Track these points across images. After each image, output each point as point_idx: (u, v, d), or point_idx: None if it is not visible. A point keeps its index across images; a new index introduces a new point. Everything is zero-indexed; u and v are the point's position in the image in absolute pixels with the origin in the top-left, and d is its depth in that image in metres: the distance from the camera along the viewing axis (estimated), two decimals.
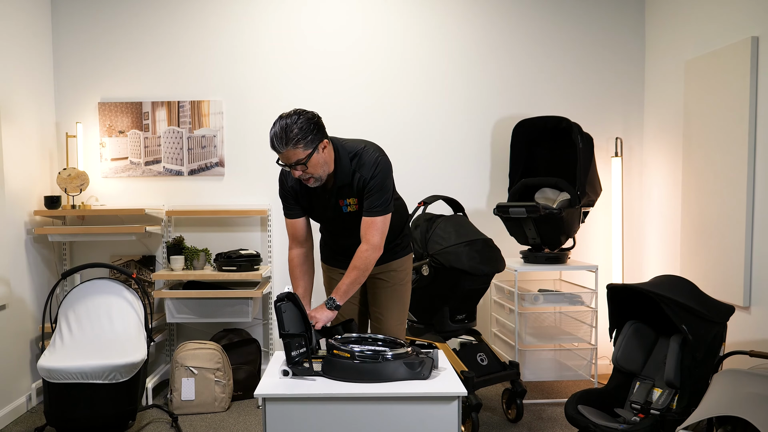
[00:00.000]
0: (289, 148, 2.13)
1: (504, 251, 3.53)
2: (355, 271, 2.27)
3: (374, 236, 2.28)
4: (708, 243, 3.30)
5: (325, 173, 2.24)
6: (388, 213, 2.30)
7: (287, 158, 2.16)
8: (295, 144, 2.12)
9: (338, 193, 2.31)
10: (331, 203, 2.34)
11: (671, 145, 3.73)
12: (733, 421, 2.19)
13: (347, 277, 2.27)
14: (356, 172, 2.27)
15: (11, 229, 3.45)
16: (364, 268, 2.27)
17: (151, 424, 3.29)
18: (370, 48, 3.98)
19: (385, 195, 2.28)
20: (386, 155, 2.33)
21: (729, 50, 3.12)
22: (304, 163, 2.16)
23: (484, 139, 4.03)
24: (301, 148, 2.13)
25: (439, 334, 3.28)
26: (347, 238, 2.42)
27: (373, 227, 2.28)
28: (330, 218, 2.40)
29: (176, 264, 3.73)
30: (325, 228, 2.55)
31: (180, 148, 3.96)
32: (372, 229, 2.28)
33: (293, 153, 2.14)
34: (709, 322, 2.51)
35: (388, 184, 2.30)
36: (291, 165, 2.17)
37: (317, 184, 2.25)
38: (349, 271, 2.28)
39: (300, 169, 2.18)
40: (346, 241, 2.43)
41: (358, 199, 2.31)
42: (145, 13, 3.94)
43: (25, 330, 3.56)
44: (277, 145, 2.14)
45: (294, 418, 1.89)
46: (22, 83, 3.59)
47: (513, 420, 3.28)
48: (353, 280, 2.27)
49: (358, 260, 2.27)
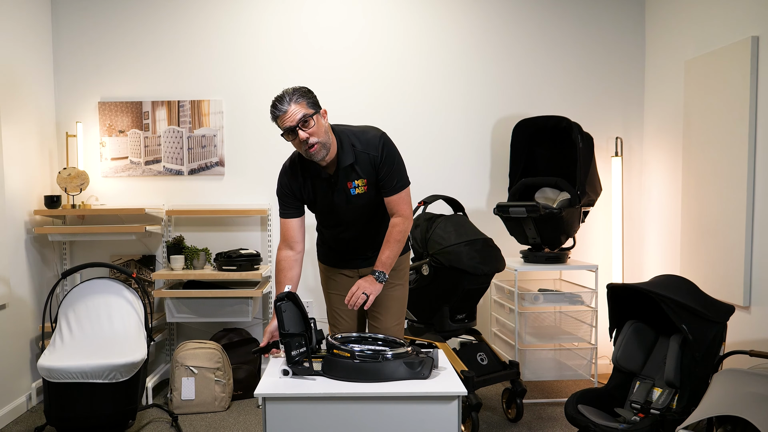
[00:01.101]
0: (292, 104, 2.13)
1: (504, 251, 3.53)
2: (393, 243, 2.32)
3: (404, 209, 2.35)
4: (708, 243, 3.30)
5: (328, 144, 2.22)
6: (408, 184, 2.38)
7: (293, 115, 2.13)
8: (298, 100, 2.14)
9: (345, 176, 2.31)
10: (339, 187, 2.32)
11: (671, 145, 3.73)
12: (733, 420, 2.18)
13: (387, 249, 2.32)
14: (362, 152, 2.28)
15: (11, 229, 3.45)
16: (401, 239, 2.33)
17: (151, 423, 3.30)
18: (370, 47, 3.98)
19: (400, 170, 2.35)
20: (386, 133, 2.36)
21: (729, 50, 3.12)
22: (311, 118, 2.14)
23: (484, 138, 4.03)
24: (305, 104, 2.15)
25: (439, 333, 3.28)
26: (352, 229, 2.41)
27: (400, 201, 2.35)
28: (337, 206, 2.36)
29: (176, 264, 3.73)
30: (327, 223, 2.51)
31: (180, 148, 3.96)
32: (400, 204, 2.35)
33: (299, 108, 2.14)
34: (709, 321, 2.51)
35: (398, 159, 2.35)
36: (296, 126, 2.13)
37: (323, 154, 2.20)
38: (387, 244, 2.33)
39: (305, 130, 2.14)
40: (350, 234, 2.42)
41: (368, 180, 2.31)
42: (145, 13, 3.94)
43: (25, 329, 3.56)
44: (280, 104, 2.14)
45: (294, 417, 1.89)
46: (22, 83, 3.59)
47: (513, 420, 3.28)
48: (393, 252, 2.32)
49: (394, 232, 2.32)
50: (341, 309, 2.54)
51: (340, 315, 2.56)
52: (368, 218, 2.41)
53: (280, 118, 2.16)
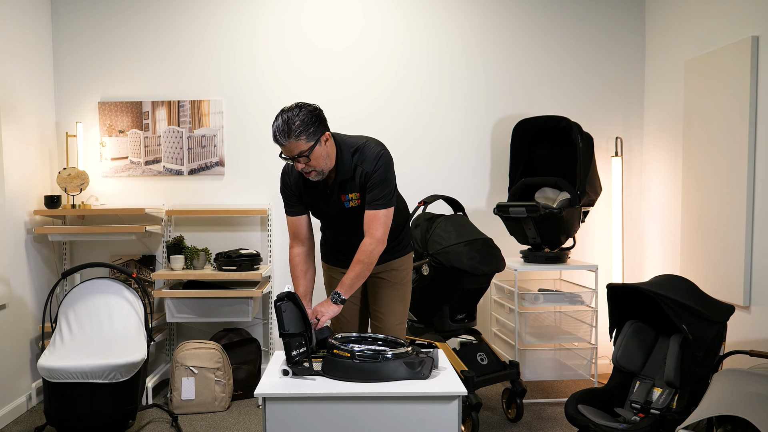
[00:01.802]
0: (291, 140, 2.14)
1: (504, 251, 3.53)
2: (359, 265, 2.27)
3: (377, 230, 2.28)
4: (708, 243, 3.30)
5: (327, 167, 2.25)
6: (390, 207, 2.31)
7: (290, 150, 2.17)
8: (298, 136, 2.14)
9: (340, 188, 2.32)
10: (333, 199, 2.34)
11: (671, 145, 3.73)
12: (733, 420, 2.18)
13: (351, 271, 2.27)
14: (358, 166, 2.28)
15: (11, 229, 3.45)
16: (368, 262, 2.27)
17: (151, 423, 3.30)
18: (370, 47, 3.97)
19: (388, 188, 2.29)
20: (388, 150, 2.33)
21: (729, 50, 3.12)
22: (307, 155, 2.16)
23: (484, 138, 4.03)
24: (304, 140, 2.15)
25: (439, 333, 3.28)
26: (348, 235, 2.42)
27: (376, 221, 2.28)
28: (332, 215, 2.40)
29: (176, 263, 3.73)
30: (326, 226, 2.55)
31: (180, 148, 3.96)
32: (375, 223, 2.28)
33: (296, 145, 2.15)
34: (709, 321, 2.51)
35: (390, 177, 2.30)
36: (293, 158, 2.18)
37: (319, 177, 2.25)
38: (353, 265, 2.28)
39: (302, 161, 2.18)
40: (347, 239, 2.43)
41: (361, 194, 2.31)
42: (145, 13, 3.94)
43: (25, 329, 3.56)
44: (280, 137, 2.16)
45: (294, 417, 1.89)
46: (22, 83, 3.59)
47: (513, 419, 3.28)
48: (357, 274, 2.27)
49: (362, 254, 2.27)
50: (344, 310, 2.54)
51: (341, 315, 2.56)
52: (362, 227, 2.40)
53: (279, 144, 2.19)
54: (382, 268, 2.48)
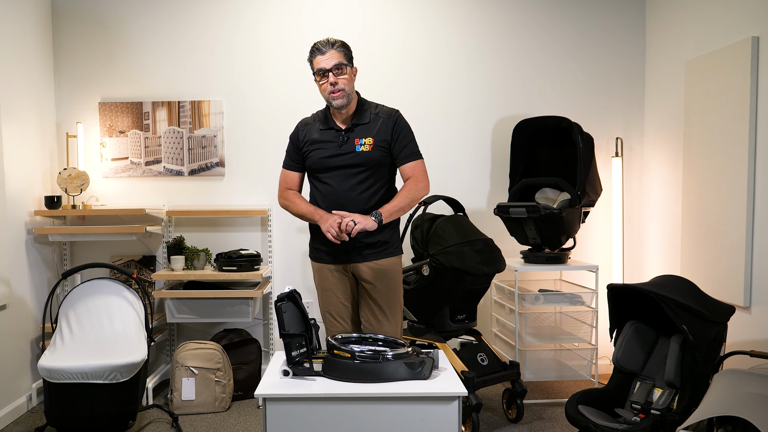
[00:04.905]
0: (334, 49, 2.38)
1: (504, 251, 3.53)
2: (403, 199, 2.41)
3: (423, 177, 2.47)
4: (708, 243, 3.30)
5: (351, 95, 2.45)
6: (421, 158, 2.51)
7: (330, 58, 2.38)
8: (339, 48, 2.40)
9: (355, 132, 2.47)
10: (347, 141, 2.46)
11: (671, 145, 3.73)
12: (734, 421, 2.18)
13: (396, 200, 2.41)
14: (378, 116, 2.49)
15: (11, 229, 3.45)
16: (411, 197, 2.42)
17: (151, 424, 3.30)
18: (370, 47, 3.97)
19: (414, 139, 2.52)
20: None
21: (729, 50, 3.12)
22: (346, 66, 2.40)
23: (484, 139, 4.03)
24: (344, 55, 2.41)
25: (440, 334, 3.28)
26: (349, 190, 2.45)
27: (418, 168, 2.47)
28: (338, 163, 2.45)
29: (176, 264, 3.73)
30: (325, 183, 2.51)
31: (180, 148, 3.96)
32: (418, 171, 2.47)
33: (337, 55, 2.39)
34: (709, 322, 2.51)
35: (411, 131, 2.53)
36: (329, 69, 2.37)
37: (343, 102, 2.41)
38: (397, 197, 2.42)
39: (336, 74, 2.37)
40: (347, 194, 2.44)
41: (374, 140, 2.45)
42: (145, 13, 3.94)
43: (25, 330, 3.56)
44: (323, 46, 2.39)
45: (294, 418, 1.89)
46: (22, 83, 3.59)
47: (513, 420, 3.28)
48: (400, 204, 2.40)
49: (407, 190, 2.42)
50: (335, 310, 2.58)
51: (333, 317, 2.58)
52: (358, 182, 2.45)
53: (317, 59, 2.41)
54: (371, 270, 2.50)
